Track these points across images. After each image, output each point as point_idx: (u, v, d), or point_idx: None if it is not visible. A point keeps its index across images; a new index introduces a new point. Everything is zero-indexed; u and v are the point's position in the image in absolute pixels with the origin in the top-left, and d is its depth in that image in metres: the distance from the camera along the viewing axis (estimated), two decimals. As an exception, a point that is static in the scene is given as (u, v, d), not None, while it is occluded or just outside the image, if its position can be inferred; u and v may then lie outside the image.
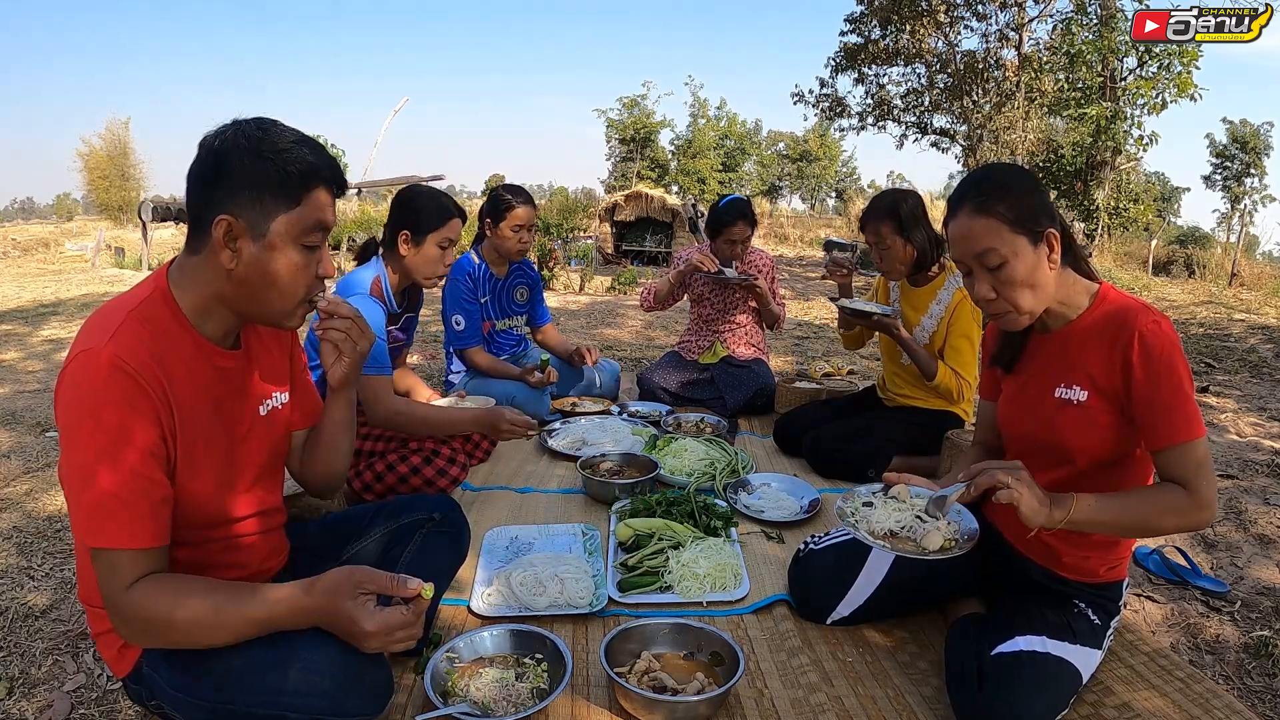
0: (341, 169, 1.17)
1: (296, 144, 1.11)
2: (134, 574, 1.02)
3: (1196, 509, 1.24)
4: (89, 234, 16.30)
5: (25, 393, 3.66)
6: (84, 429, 1.00)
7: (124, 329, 1.04)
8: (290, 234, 1.10)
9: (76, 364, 1.01)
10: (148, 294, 1.11)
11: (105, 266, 11.38)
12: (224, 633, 1.05)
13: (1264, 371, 4.61)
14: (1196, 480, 1.24)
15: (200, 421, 1.13)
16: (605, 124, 31.73)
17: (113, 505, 1.00)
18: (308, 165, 1.10)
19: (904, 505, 1.42)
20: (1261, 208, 30.87)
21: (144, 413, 1.03)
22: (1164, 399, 1.25)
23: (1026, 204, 1.30)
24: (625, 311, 6.96)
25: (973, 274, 1.35)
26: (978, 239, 1.31)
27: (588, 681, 1.46)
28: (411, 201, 2.24)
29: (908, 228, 2.46)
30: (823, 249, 17.43)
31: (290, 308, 1.15)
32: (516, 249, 2.99)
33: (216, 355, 1.17)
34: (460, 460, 2.22)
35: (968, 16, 14.70)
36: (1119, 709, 1.41)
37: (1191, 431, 1.24)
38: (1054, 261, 1.33)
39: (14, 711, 1.42)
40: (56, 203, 63.60)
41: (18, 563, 1.97)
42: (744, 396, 3.26)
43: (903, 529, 1.38)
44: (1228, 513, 2.47)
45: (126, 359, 1.02)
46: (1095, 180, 11.78)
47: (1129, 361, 1.28)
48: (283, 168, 1.08)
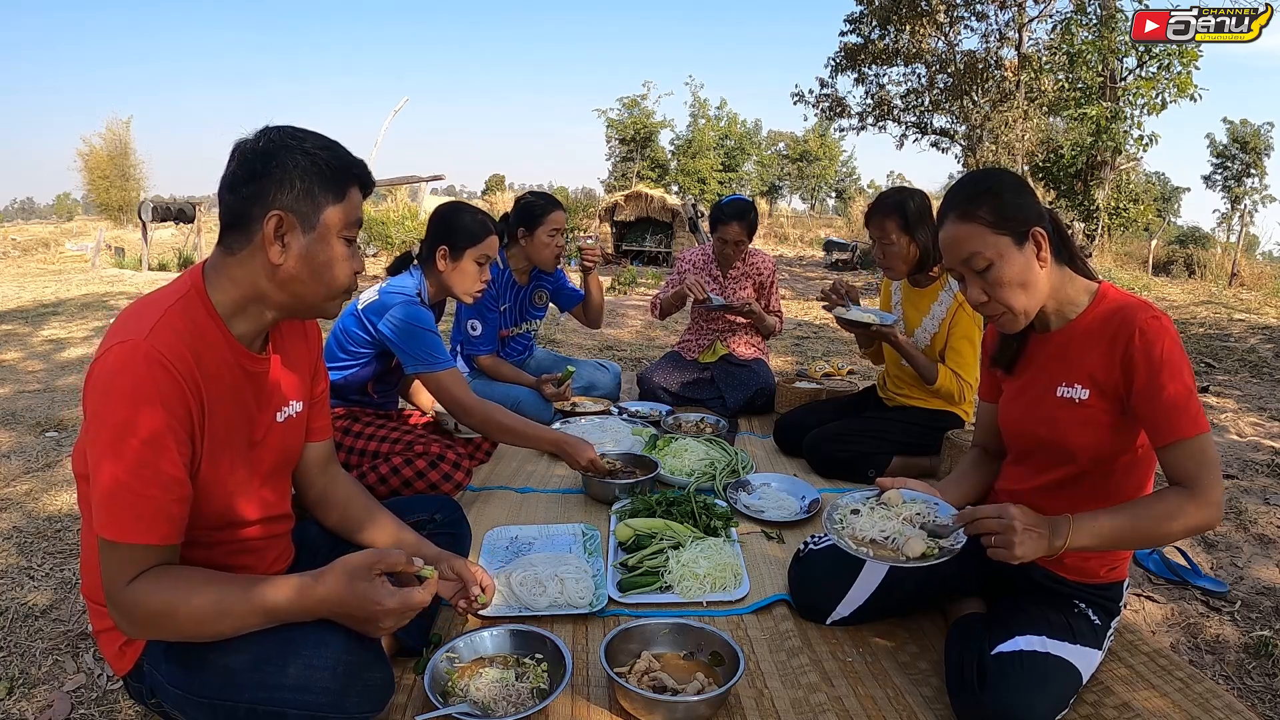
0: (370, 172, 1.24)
1: (334, 145, 1.17)
2: (135, 569, 1.02)
3: (1201, 508, 1.23)
4: (89, 234, 16.29)
5: (26, 393, 3.66)
6: (116, 419, 1.00)
7: (163, 323, 1.05)
8: (337, 226, 1.15)
9: (114, 353, 1.02)
10: (185, 292, 1.12)
11: (105, 266, 11.36)
12: (228, 621, 1.06)
13: (1264, 371, 4.61)
14: (1202, 477, 1.23)
15: (226, 422, 1.14)
16: (605, 124, 31.73)
17: (131, 499, 1.00)
18: (348, 162, 1.17)
19: (891, 513, 1.43)
20: (1261, 208, 30.87)
21: (177, 408, 1.04)
22: (1167, 395, 1.25)
23: (1007, 205, 1.31)
24: (626, 311, 6.96)
25: (965, 280, 1.37)
26: (962, 244, 1.33)
27: (588, 681, 1.46)
28: (451, 217, 2.26)
29: (913, 226, 2.45)
30: (823, 249, 17.43)
31: (336, 296, 1.20)
32: (554, 254, 2.96)
33: (246, 358, 1.18)
34: (465, 465, 2.23)
35: (968, 16, 14.70)
36: (1119, 709, 1.41)
37: (1196, 427, 1.24)
38: (1043, 260, 1.33)
39: (14, 711, 1.42)
40: (56, 203, 63.61)
41: (18, 563, 1.97)
42: (744, 396, 3.26)
43: (885, 537, 1.38)
44: (1228, 513, 2.47)
45: (165, 352, 1.03)
46: (1095, 180, 11.77)
47: (1130, 358, 1.28)
48: (329, 163, 1.13)
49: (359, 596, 1.09)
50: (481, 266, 2.27)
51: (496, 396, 2.96)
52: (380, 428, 2.29)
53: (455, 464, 2.20)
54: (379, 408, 2.43)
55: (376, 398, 2.39)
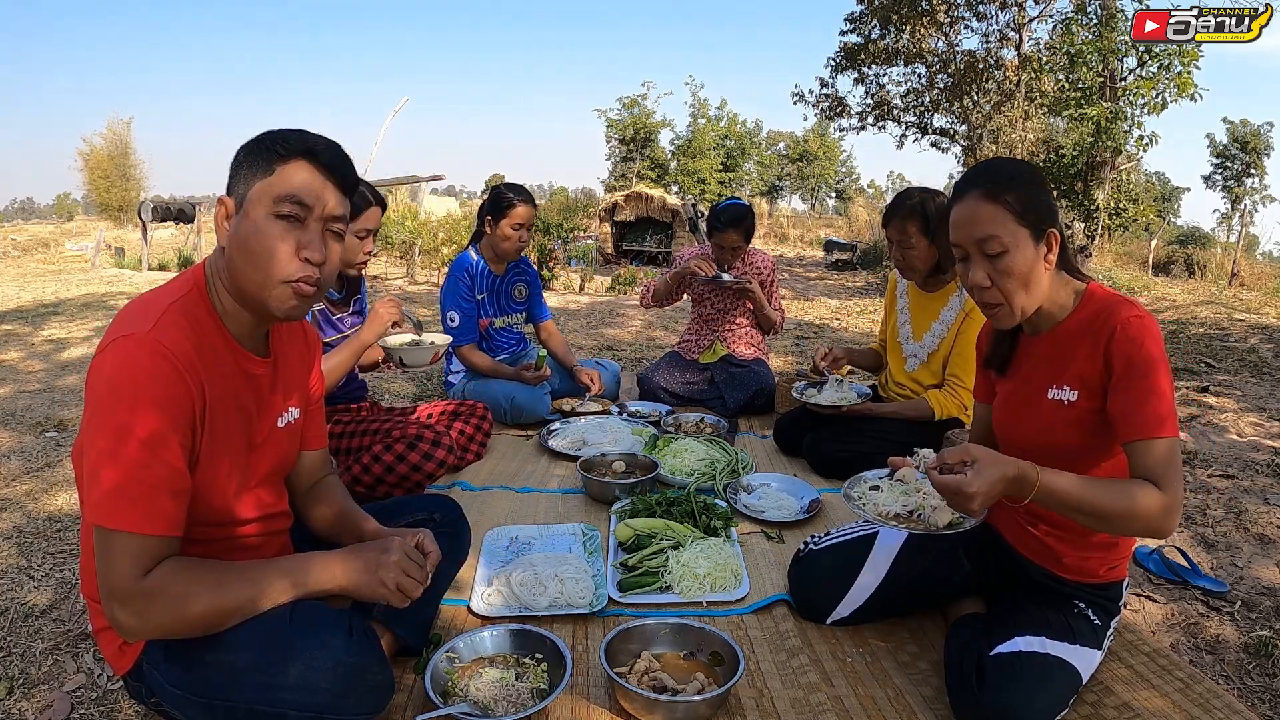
0: (344, 157, 1.16)
1: (299, 131, 1.14)
2: (143, 562, 1.02)
3: (1163, 510, 1.19)
4: (89, 234, 16.30)
5: (26, 393, 3.66)
6: (119, 408, 0.99)
7: (167, 318, 1.06)
8: (260, 199, 1.09)
9: (118, 346, 1.01)
10: (187, 290, 1.12)
11: (105, 266, 11.37)
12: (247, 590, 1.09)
13: (1264, 371, 4.60)
14: (1163, 478, 1.20)
15: (225, 422, 1.14)
16: (605, 124, 31.73)
17: (132, 487, 1.00)
18: (281, 136, 1.12)
19: (909, 488, 1.43)
20: (1261, 208, 30.87)
21: (180, 401, 1.04)
22: (1137, 391, 1.24)
23: (1034, 200, 1.30)
24: (626, 311, 6.96)
25: (970, 260, 1.34)
26: (983, 224, 1.30)
27: (588, 681, 1.46)
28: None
29: (934, 228, 2.40)
30: (823, 249, 17.43)
31: (270, 285, 1.10)
32: (515, 247, 2.99)
33: (247, 361, 1.18)
34: (445, 442, 2.22)
35: (968, 16, 14.69)
36: (1119, 709, 1.41)
37: (1162, 428, 1.21)
38: (1049, 263, 1.33)
39: (14, 711, 1.42)
40: (56, 203, 63.58)
41: (18, 563, 1.97)
42: (744, 396, 3.26)
43: (909, 511, 1.40)
44: (1228, 512, 2.47)
45: (169, 346, 1.03)
46: (1095, 180, 11.76)
47: (1110, 354, 1.28)
48: (260, 140, 1.12)
49: (372, 548, 1.17)
50: (363, 239, 2.18)
51: (493, 395, 2.97)
52: (359, 424, 2.29)
53: (435, 442, 2.19)
54: (351, 399, 2.43)
55: (341, 387, 2.36)
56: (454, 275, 3.00)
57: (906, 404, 2.58)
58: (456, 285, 2.98)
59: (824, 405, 2.58)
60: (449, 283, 3.00)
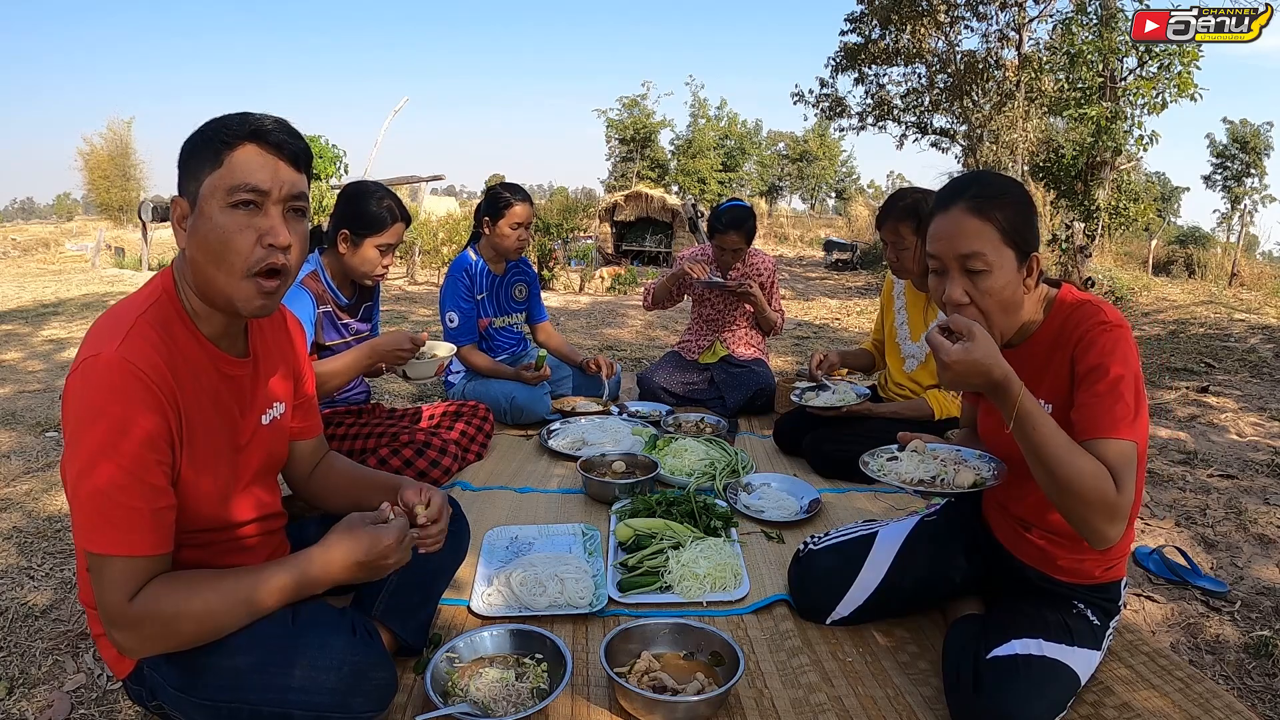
0: (293, 131, 1.11)
1: (240, 115, 1.09)
2: (132, 584, 1.01)
3: (1111, 505, 1.15)
4: (89, 234, 16.29)
5: (26, 393, 3.66)
6: (92, 431, 0.98)
7: (134, 332, 1.04)
8: (213, 194, 1.05)
9: (87, 366, 1.00)
10: (156, 297, 1.10)
11: (105, 266, 11.37)
12: (241, 599, 1.07)
13: (1264, 371, 4.60)
14: (1117, 478, 1.16)
15: (205, 427, 1.12)
16: (605, 124, 31.70)
17: (113, 511, 0.99)
18: (235, 125, 1.06)
19: (925, 457, 1.47)
20: (1261, 208, 30.77)
21: (152, 417, 1.02)
22: (1096, 391, 1.22)
23: (1023, 220, 1.28)
24: (626, 311, 6.96)
25: (947, 274, 1.29)
26: (969, 239, 1.26)
27: (588, 681, 1.46)
28: (356, 201, 2.18)
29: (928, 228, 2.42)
30: (823, 249, 17.42)
31: (236, 279, 1.07)
32: (514, 247, 2.99)
33: (224, 362, 1.16)
34: (452, 450, 2.22)
35: (968, 16, 14.67)
36: (1119, 709, 1.41)
37: (1118, 429, 1.19)
38: (1028, 287, 1.31)
39: (14, 711, 1.42)
40: (56, 203, 63.48)
41: (18, 563, 1.97)
42: (744, 396, 3.26)
43: (932, 477, 1.42)
44: (1228, 512, 2.47)
45: (137, 361, 1.01)
46: (1095, 180, 11.76)
47: (1074, 360, 1.28)
48: (205, 131, 1.07)
49: (365, 538, 1.13)
50: (383, 253, 2.21)
51: (493, 395, 2.98)
52: (364, 426, 2.29)
53: (441, 449, 2.20)
54: (351, 401, 2.42)
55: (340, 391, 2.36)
56: (453, 276, 3.00)
57: (906, 404, 2.58)
58: (456, 286, 2.98)
59: (824, 408, 2.58)
60: (448, 283, 3.00)
